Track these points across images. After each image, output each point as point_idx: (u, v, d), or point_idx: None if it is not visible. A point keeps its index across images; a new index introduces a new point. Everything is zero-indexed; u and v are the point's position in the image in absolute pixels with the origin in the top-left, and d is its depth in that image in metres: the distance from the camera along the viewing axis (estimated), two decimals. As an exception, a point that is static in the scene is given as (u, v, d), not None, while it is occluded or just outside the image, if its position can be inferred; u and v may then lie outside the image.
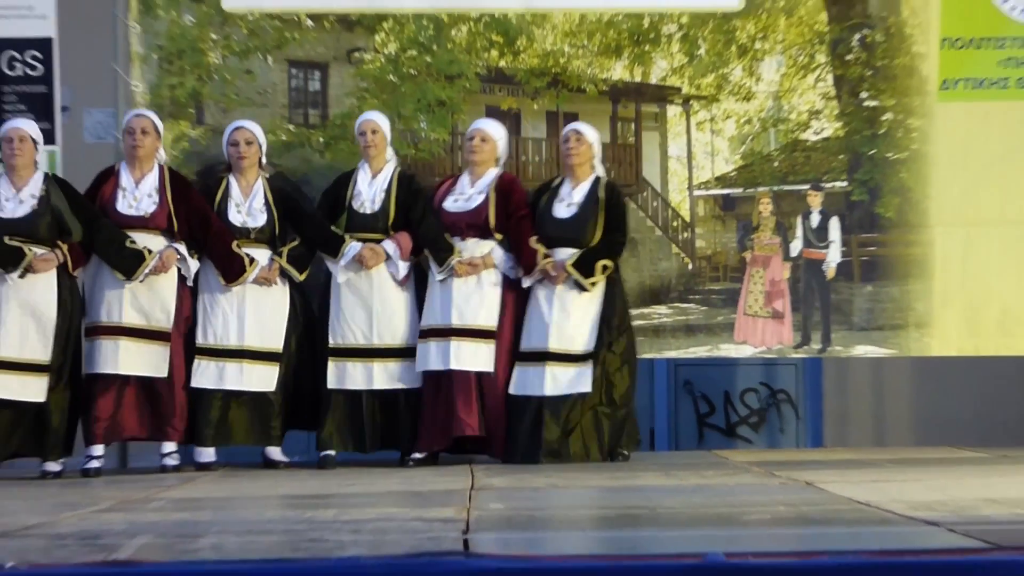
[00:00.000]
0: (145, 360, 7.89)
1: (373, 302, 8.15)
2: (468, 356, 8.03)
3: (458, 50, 9.07)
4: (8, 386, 7.68)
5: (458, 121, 8.95)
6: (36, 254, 7.75)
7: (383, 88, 9.07)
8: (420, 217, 8.17)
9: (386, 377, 8.14)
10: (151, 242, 7.94)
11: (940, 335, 9.12)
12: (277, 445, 8.20)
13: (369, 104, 8.96)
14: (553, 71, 9.11)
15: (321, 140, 9.02)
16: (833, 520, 5.41)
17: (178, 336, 7.97)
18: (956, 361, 9.53)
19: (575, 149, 8.25)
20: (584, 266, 8.09)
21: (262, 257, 8.12)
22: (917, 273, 9.10)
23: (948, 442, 9.37)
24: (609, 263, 8.14)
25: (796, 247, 9.19)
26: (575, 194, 8.25)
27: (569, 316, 8.10)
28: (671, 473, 7.44)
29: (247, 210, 8.15)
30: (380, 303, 8.15)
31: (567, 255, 8.12)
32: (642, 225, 9.26)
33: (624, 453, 8.24)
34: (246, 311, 8.07)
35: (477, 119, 8.52)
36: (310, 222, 8.24)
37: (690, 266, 9.26)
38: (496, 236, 8.16)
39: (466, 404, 8.00)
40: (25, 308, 7.73)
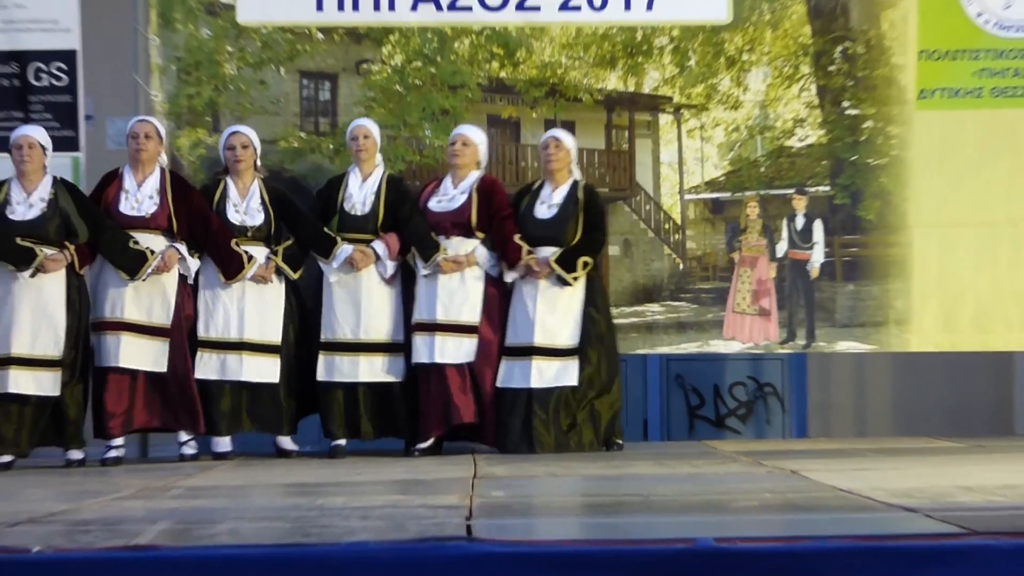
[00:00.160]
0: (145, 354, 7.87)
1: (362, 299, 8.13)
2: (452, 350, 8.03)
3: (461, 62, 9.07)
4: (24, 381, 7.67)
5: (461, 129, 8.95)
6: (46, 254, 7.73)
7: (390, 98, 9.07)
8: (407, 217, 8.16)
9: (373, 370, 8.13)
10: (152, 242, 7.92)
11: (918, 331, 9.12)
12: (286, 434, 8.20)
13: (376, 113, 8.96)
14: (551, 81, 9.11)
15: (331, 147, 9.02)
16: (817, 507, 5.41)
17: (181, 332, 7.95)
18: (933, 356, 9.53)
19: (554, 155, 8.26)
20: (566, 262, 8.10)
21: (259, 255, 8.10)
22: (896, 273, 9.10)
23: (926, 433, 9.38)
24: (589, 260, 8.15)
25: (782, 248, 9.19)
26: (555, 196, 8.25)
27: (553, 311, 8.11)
28: (663, 462, 7.44)
29: (245, 210, 8.13)
30: (368, 300, 8.14)
31: (549, 253, 8.13)
32: (635, 227, 9.25)
33: (619, 443, 8.24)
34: (246, 306, 8.05)
35: (460, 125, 8.51)
36: (303, 223, 8.23)
37: (681, 266, 9.26)
38: (478, 235, 8.16)
39: (461, 392, 8.01)
40: (36, 306, 7.71)
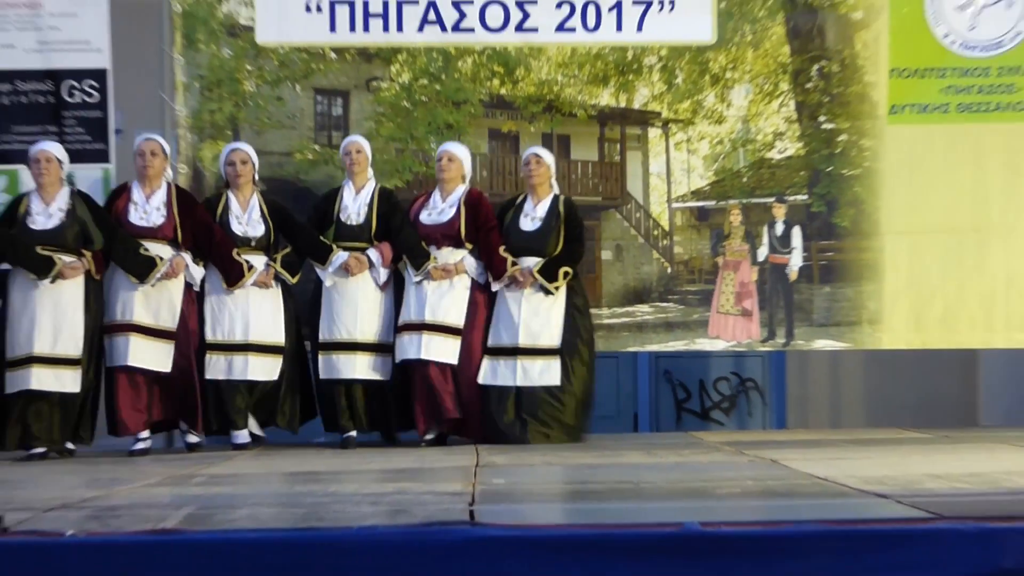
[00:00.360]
0: (152, 355, 7.85)
1: (358, 302, 8.13)
2: (437, 348, 8.02)
3: (464, 79, 9.07)
4: (46, 379, 7.66)
5: (464, 142, 8.94)
6: (65, 262, 7.73)
7: (398, 113, 9.07)
8: (399, 228, 8.16)
9: (367, 368, 8.12)
10: (159, 251, 7.91)
11: (889, 330, 9.12)
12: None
13: (385, 127, 8.97)
14: (548, 98, 9.11)
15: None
16: (796, 493, 5.41)
17: (186, 336, 7.92)
18: (903, 353, 9.54)
19: (536, 170, 8.26)
20: (548, 272, 8.11)
21: (259, 263, 8.09)
22: (869, 275, 9.10)
23: (896, 424, 9.38)
24: (569, 270, 8.16)
25: (763, 253, 9.19)
26: (538, 209, 8.26)
27: (536, 314, 8.12)
28: (652, 452, 7.44)
29: (247, 221, 8.13)
30: (363, 303, 8.13)
31: (532, 263, 8.13)
32: (626, 234, 9.25)
33: (584, 435, 8.24)
34: (250, 310, 8.04)
35: (445, 142, 8.49)
36: (300, 232, 8.22)
37: (669, 270, 9.26)
38: (467, 245, 8.17)
39: (445, 390, 8.01)
40: (57, 309, 7.70)
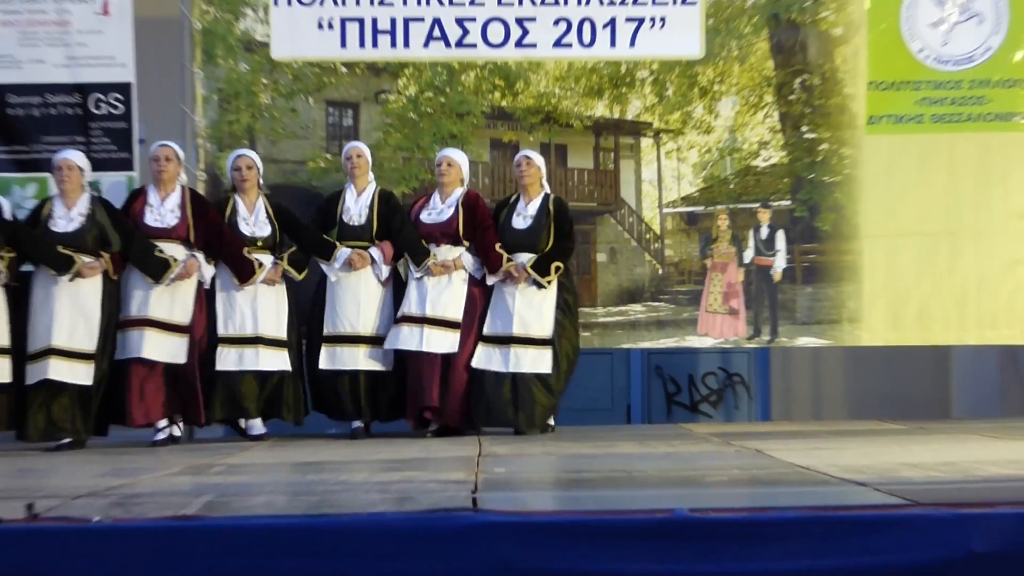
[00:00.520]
0: (167, 348, 7.84)
1: (360, 297, 8.14)
2: (437, 340, 8.02)
3: (467, 92, 9.06)
4: (62, 370, 7.66)
5: (467, 151, 8.95)
6: (84, 261, 7.74)
7: (404, 124, 9.07)
8: (400, 227, 8.17)
9: (368, 359, 8.12)
10: (173, 250, 7.90)
11: (868, 328, 9.11)
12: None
13: (393, 137, 8.98)
14: (546, 109, 9.10)
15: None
16: (779, 481, 5.41)
17: (195, 332, 7.92)
18: (881, 349, 9.53)
19: (526, 171, 8.26)
20: (541, 268, 8.12)
21: (267, 261, 8.09)
22: (849, 277, 9.09)
23: (874, 416, 9.37)
24: (560, 264, 8.17)
25: (748, 255, 9.18)
26: (530, 208, 8.26)
27: (530, 306, 8.12)
28: (644, 443, 7.43)
29: (254, 222, 8.13)
30: (366, 298, 8.14)
31: (526, 259, 8.14)
32: (620, 237, 9.25)
33: (551, 425, 8.24)
34: (257, 305, 8.06)
35: (444, 148, 8.50)
36: (305, 232, 8.23)
37: (660, 271, 9.25)
38: (464, 243, 8.18)
39: (430, 380, 8.00)
40: (75, 305, 7.71)
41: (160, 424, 7.91)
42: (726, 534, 4.16)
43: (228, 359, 7.99)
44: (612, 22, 8.93)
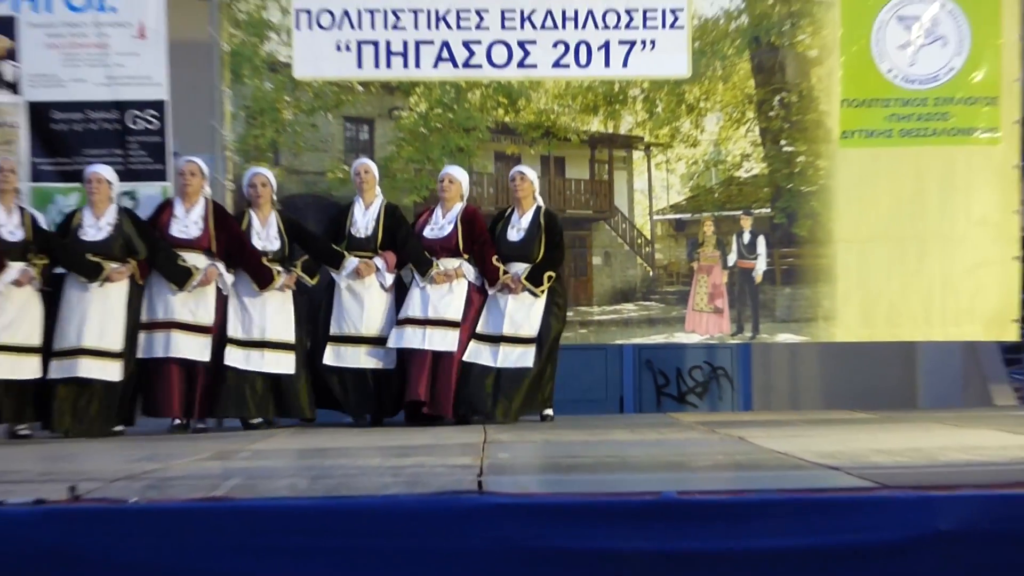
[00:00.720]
0: (191, 347, 7.85)
1: (365, 302, 8.15)
2: (439, 339, 8.02)
3: (473, 109, 9.07)
4: (93, 368, 7.68)
5: (473, 163, 8.97)
6: (112, 268, 7.76)
7: (416, 138, 9.07)
8: (405, 239, 8.18)
9: (371, 358, 8.12)
10: (196, 259, 7.92)
11: (842, 325, 9.11)
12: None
13: (405, 151, 8.99)
14: (546, 125, 9.12)
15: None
16: (760, 466, 5.41)
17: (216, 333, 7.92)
18: (853, 345, 9.53)
19: (520, 186, 8.26)
20: (534, 278, 8.12)
21: (281, 269, 8.09)
22: (824, 278, 9.10)
23: (847, 407, 9.37)
24: (552, 273, 8.17)
25: (732, 259, 9.18)
26: (523, 221, 8.26)
27: (519, 310, 8.12)
28: (636, 430, 7.43)
29: (266, 236, 8.12)
30: (371, 303, 8.15)
31: (520, 269, 8.15)
32: (614, 242, 9.25)
33: (550, 414, 8.25)
34: (267, 311, 8.03)
35: (447, 166, 8.48)
36: (315, 243, 8.23)
37: (651, 273, 9.26)
38: (464, 256, 8.17)
39: (418, 376, 7.98)
40: (104, 308, 7.73)
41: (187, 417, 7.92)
42: (711, 514, 4.16)
43: (235, 358, 7.95)
44: (606, 44, 8.94)
